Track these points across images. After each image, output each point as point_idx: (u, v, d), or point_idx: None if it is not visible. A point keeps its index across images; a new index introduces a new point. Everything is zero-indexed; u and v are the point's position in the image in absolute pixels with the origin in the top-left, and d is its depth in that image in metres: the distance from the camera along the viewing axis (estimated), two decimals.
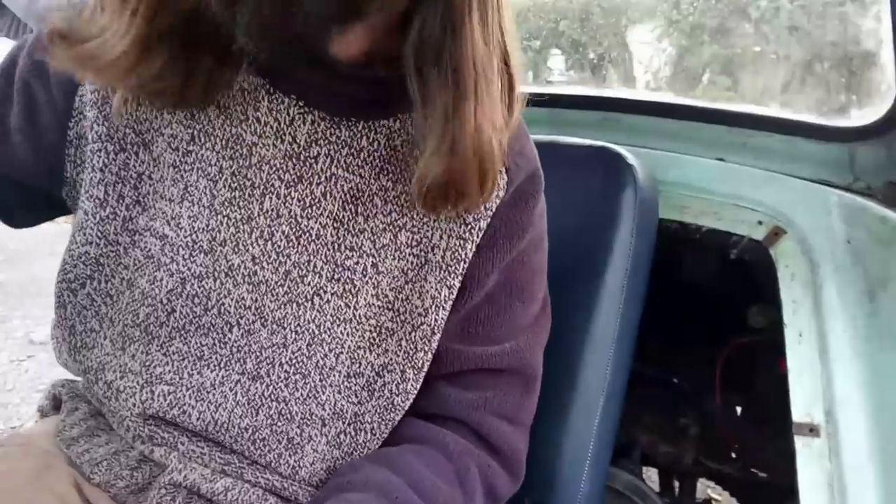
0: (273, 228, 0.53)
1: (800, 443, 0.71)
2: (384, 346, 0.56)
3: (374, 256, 0.54)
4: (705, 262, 1.00)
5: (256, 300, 0.54)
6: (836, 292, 0.75)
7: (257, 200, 0.53)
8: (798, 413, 0.72)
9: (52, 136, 0.55)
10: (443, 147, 0.46)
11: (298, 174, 0.52)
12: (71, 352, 0.57)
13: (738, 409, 1.14)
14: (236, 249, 0.53)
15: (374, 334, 0.56)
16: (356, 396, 0.57)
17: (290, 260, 0.53)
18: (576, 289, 0.74)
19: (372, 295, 0.55)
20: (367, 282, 0.54)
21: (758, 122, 0.91)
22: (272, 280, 0.53)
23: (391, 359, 0.57)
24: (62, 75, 0.53)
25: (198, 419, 0.54)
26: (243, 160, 0.53)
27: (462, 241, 0.55)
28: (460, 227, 0.55)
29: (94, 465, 0.56)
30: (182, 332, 0.54)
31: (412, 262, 0.55)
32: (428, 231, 0.55)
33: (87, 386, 0.58)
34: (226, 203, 0.53)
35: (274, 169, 0.52)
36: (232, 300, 0.54)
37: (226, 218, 0.53)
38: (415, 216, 0.54)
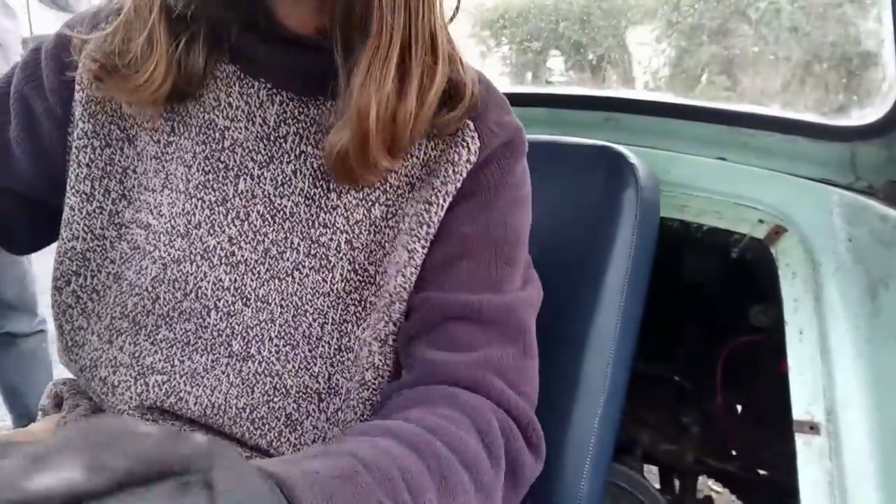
0: (248, 209, 0.54)
1: (800, 441, 0.71)
2: (369, 320, 0.56)
3: (347, 233, 0.54)
4: (706, 260, 1.00)
5: (235, 280, 0.54)
6: (837, 291, 0.75)
7: (231, 182, 0.54)
8: (799, 411, 0.72)
9: (51, 143, 0.56)
10: (352, 115, 0.48)
11: (269, 154, 0.54)
12: (65, 351, 0.58)
13: (739, 408, 1.14)
14: (212, 231, 0.54)
15: (359, 308, 0.55)
16: (349, 372, 0.56)
17: (268, 238, 0.54)
18: (577, 288, 0.74)
19: (348, 270, 0.55)
20: (341, 258, 0.54)
21: (759, 122, 0.91)
22: (251, 259, 0.54)
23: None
24: (57, 84, 0.55)
25: (195, 404, 0.55)
26: (216, 144, 0.54)
27: (427, 206, 0.54)
28: (428, 191, 0.54)
29: None
30: (167, 318, 0.55)
31: (388, 235, 0.55)
32: (403, 203, 0.55)
33: (85, 384, 0.59)
34: (200, 186, 0.54)
35: (247, 151, 0.54)
36: (208, 283, 0.54)
37: (200, 201, 0.54)
38: (388, 189, 0.54)
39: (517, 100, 1.12)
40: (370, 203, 0.54)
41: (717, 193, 0.87)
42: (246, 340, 0.54)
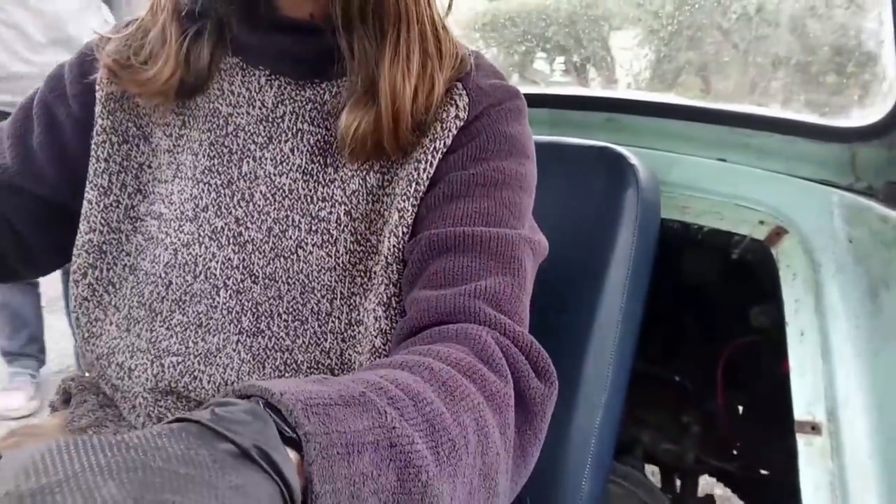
0: (252, 189, 0.56)
1: (801, 441, 0.71)
2: (375, 289, 0.55)
3: (346, 204, 0.55)
4: (707, 261, 1.00)
5: (244, 259, 0.55)
6: (837, 292, 0.75)
7: (235, 165, 0.56)
8: (800, 411, 0.72)
9: (74, 147, 0.59)
10: (384, 96, 0.51)
11: (269, 135, 0.56)
12: (82, 341, 0.59)
13: (740, 408, 1.14)
14: (219, 213, 0.56)
15: (366, 279, 0.55)
16: (360, 346, 0.56)
17: (270, 217, 0.55)
18: (578, 288, 0.74)
19: (351, 242, 0.55)
20: (342, 230, 0.55)
21: (759, 123, 0.91)
22: (257, 238, 0.55)
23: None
24: (79, 89, 0.58)
25: (208, 383, 0.55)
26: (220, 130, 0.56)
27: (417, 164, 0.54)
28: (418, 151, 0.54)
29: None
30: (180, 303, 0.56)
31: (386, 203, 0.55)
32: (397, 168, 0.55)
33: (101, 371, 0.59)
34: (206, 171, 0.56)
35: (248, 134, 0.56)
36: (217, 262, 0.55)
37: (206, 185, 0.56)
38: (383, 157, 0.55)
39: None
40: (365, 172, 0.55)
41: (717, 194, 0.87)
42: (255, 316, 0.55)
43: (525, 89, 0.55)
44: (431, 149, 0.54)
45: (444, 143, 0.54)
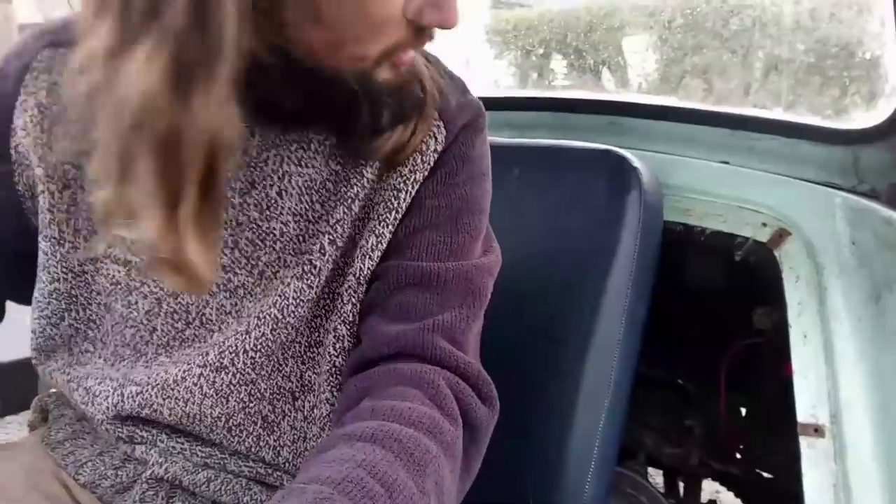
0: (237, 237, 0.53)
1: (804, 443, 0.71)
2: (338, 309, 0.56)
3: (330, 233, 0.54)
4: (710, 264, 1.00)
5: (236, 304, 0.54)
6: (840, 294, 0.75)
7: None
8: (803, 414, 0.72)
9: (5, 196, 0.54)
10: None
11: (250, 180, 0.52)
12: (64, 368, 0.58)
13: (743, 411, 1.14)
14: None
15: (329, 301, 0.55)
16: (318, 366, 0.56)
17: (262, 261, 0.54)
18: (581, 291, 0.74)
19: (331, 269, 0.55)
20: (326, 260, 0.54)
21: (762, 126, 0.91)
22: (248, 283, 0.54)
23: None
24: None
25: (170, 415, 0.55)
26: None
27: (396, 193, 0.54)
28: (396, 178, 0.54)
29: (79, 466, 0.58)
30: (167, 347, 0.55)
31: (359, 227, 0.55)
32: (374, 194, 0.55)
33: (69, 394, 0.59)
34: None
35: (224, 182, 0.52)
36: (212, 309, 0.55)
37: None
38: (365, 184, 0.54)
39: (522, 104, 1.13)
40: (349, 200, 0.54)
41: (720, 197, 0.87)
42: (221, 351, 0.54)
43: (530, 93, 0.55)
44: (412, 179, 0.54)
45: (423, 175, 0.55)
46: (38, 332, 0.58)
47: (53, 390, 0.66)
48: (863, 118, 0.84)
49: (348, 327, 0.55)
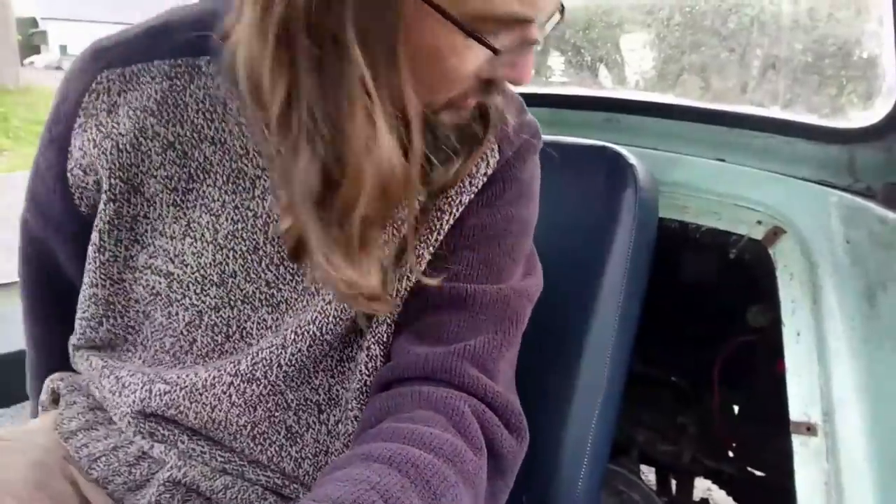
0: (283, 253, 0.53)
1: (797, 442, 0.71)
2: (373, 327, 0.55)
3: (378, 249, 0.53)
4: (704, 261, 1.00)
5: (277, 318, 0.54)
6: (834, 292, 0.75)
7: (261, 230, 0.53)
8: (795, 412, 0.72)
9: (76, 225, 0.58)
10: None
11: None
12: (103, 357, 0.59)
13: (736, 408, 1.14)
14: (248, 278, 0.54)
15: (365, 320, 0.55)
16: (348, 381, 0.56)
17: (307, 278, 0.53)
18: (575, 287, 0.74)
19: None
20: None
21: (758, 124, 0.91)
22: (292, 298, 0.54)
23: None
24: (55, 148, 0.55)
25: (195, 418, 0.55)
26: (246, 193, 0.53)
27: (440, 213, 0.53)
28: (442, 200, 0.53)
29: (93, 460, 0.57)
30: (205, 358, 0.56)
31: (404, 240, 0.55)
32: (424, 214, 0.54)
33: (96, 379, 0.59)
34: (229, 236, 0.53)
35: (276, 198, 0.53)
36: (253, 324, 0.55)
37: (231, 251, 0.54)
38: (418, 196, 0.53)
39: None
40: (399, 223, 0.53)
41: (715, 194, 0.87)
42: (254, 362, 0.54)
43: (525, 89, 0.55)
44: (458, 201, 0.53)
45: (469, 198, 0.54)
46: (79, 333, 0.59)
47: (64, 373, 0.65)
48: (859, 117, 0.84)
49: (381, 347, 0.54)
